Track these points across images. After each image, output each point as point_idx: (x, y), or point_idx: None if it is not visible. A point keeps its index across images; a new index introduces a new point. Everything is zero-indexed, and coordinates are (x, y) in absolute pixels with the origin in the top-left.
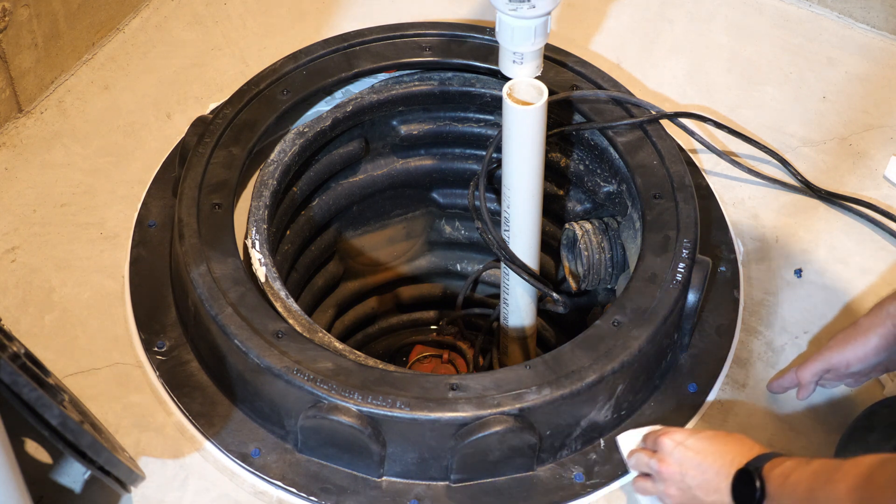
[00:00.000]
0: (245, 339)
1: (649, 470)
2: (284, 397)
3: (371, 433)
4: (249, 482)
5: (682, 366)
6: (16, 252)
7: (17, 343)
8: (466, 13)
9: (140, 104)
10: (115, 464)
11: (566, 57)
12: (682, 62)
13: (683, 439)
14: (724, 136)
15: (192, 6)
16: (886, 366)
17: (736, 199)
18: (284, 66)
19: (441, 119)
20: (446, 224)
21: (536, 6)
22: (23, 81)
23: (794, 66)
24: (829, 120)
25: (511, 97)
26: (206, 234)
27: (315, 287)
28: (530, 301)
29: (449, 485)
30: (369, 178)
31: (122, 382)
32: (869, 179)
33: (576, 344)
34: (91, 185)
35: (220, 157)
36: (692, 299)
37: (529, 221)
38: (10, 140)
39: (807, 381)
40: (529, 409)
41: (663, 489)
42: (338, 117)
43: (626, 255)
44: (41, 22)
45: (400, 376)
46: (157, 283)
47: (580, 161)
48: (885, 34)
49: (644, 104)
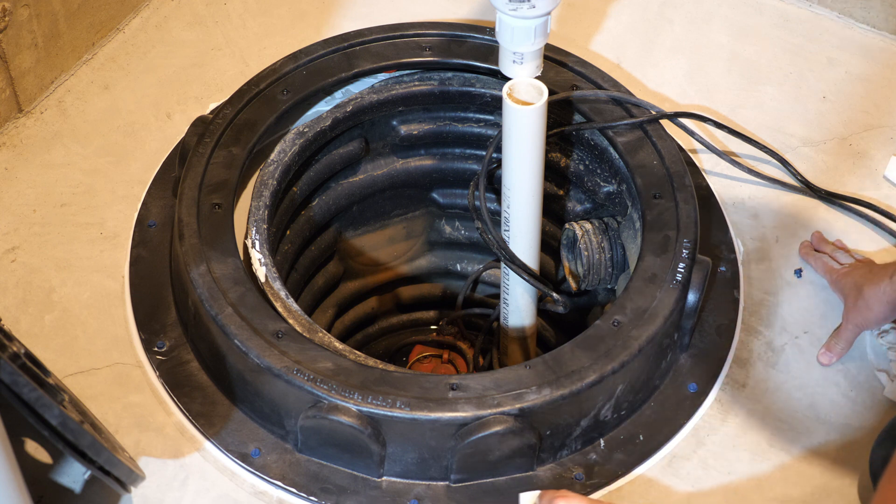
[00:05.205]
0: (245, 339)
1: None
2: (284, 397)
3: (371, 433)
4: (249, 482)
5: (682, 366)
6: (16, 252)
7: (17, 343)
8: (466, 13)
9: (140, 104)
10: (115, 464)
11: (566, 57)
12: (682, 62)
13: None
14: (724, 136)
15: (192, 6)
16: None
17: (736, 199)
18: (284, 66)
19: (441, 119)
20: (446, 224)
21: (536, 6)
22: (23, 81)
23: (794, 66)
24: (829, 120)
25: (511, 97)
26: (206, 234)
27: (315, 287)
28: (530, 301)
29: (449, 485)
30: (369, 178)
31: (122, 382)
32: (869, 179)
33: (576, 344)
34: (91, 185)
35: (220, 157)
36: (692, 299)
37: (529, 221)
38: (10, 140)
39: (844, 351)
40: (529, 409)
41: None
42: (338, 117)
43: (626, 255)
44: (41, 22)
45: (400, 376)
46: (157, 283)
47: (580, 161)
48: (885, 34)
49: (644, 104)
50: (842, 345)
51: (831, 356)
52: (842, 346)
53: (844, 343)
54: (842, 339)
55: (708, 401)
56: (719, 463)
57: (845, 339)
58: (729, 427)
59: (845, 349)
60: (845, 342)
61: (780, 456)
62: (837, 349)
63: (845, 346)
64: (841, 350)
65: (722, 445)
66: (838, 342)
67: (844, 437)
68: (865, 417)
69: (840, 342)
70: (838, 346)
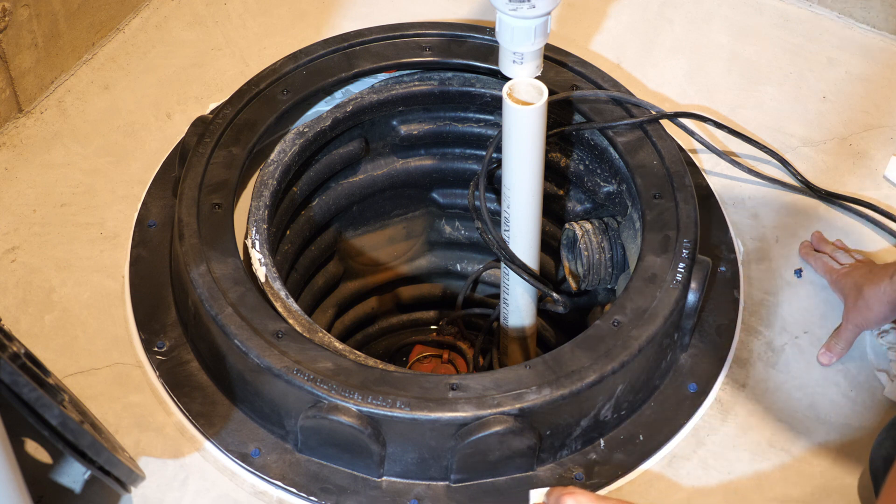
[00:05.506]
0: (245, 339)
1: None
2: (284, 397)
3: (371, 433)
4: (249, 482)
5: (682, 366)
6: (16, 252)
7: (17, 343)
8: (466, 13)
9: (140, 104)
10: (115, 464)
11: (566, 57)
12: (682, 62)
13: (587, 502)
14: (724, 136)
15: (192, 6)
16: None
17: (736, 199)
18: (284, 66)
19: (441, 119)
20: (446, 224)
21: (536, 6)
22: (23, 81)
23: (794, 66)
24: (829, 120)
25: (511, 97)
26: (206, 234)
27: (315, 287)
28: (530, 301)
29: (449, 485)
30: (369, 178)
31: (122, 382)
32: (869, 179)
33: (576, 344)
34: (91, 185)
35: (220, 157)
36: (692, 299)
37: (529, 221)
38: (10, 140)
39: (844, 351)
40: (529, 409)
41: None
42: (338, 117)
43: (626, 255)
44: (41, 22)
45: (400, 376)
46: (157, 283)
47: (580, 161)
48: (885, 34)
49: (644, 104)
50: (842, 345)
51: (831, 356)
52: (842, 346)
53: (844, 343)
54: (842, 339)
55: (708, 401)
56: (719, 463)
57: (845, 339)
58: (729, 427)
59: (845, 349)
60: (845, 342)
61: (780, 456)
62: (837, 349)
63: (845, 346)
64: (841, 350)
65: (722, 445)
66: (838, 342)
67: (844, 437)
68: (865, 417)
69: (840, 342)
70: (838, 346)
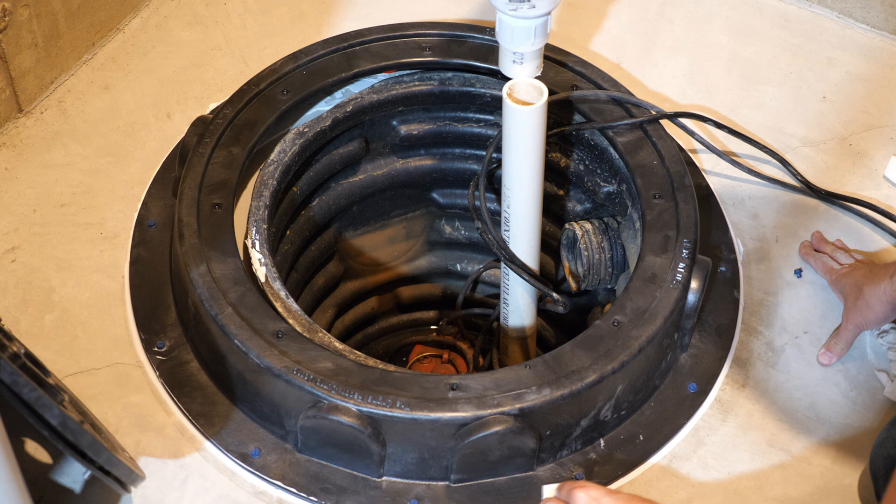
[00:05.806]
0: (245, 339)
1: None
2: (284, 397)
3: (371, 433)
4: (249, 482)
5: (682, 366)
6: (16, 252)
7: (17, 343)
8: (466, 13)
9: (140, 104)
10: (115, 464)
11: (566, 57)
12: (682, 62)
13: (599, 496)
14: (724, 136)
15: (192, 6)
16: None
17: (736, 199)
18: (284, 66)
19: (441, 119)
20: (446, 224)
21: (536, 6)
22: (23, 81)
23: (794, 66)
24: (829, 120)
25: (511, 97)
26: (206, 234)
27: (315, 287)
28: (530, 301)
29: (449, 485)
30: (369, 178)
31: (122, 382)
32: (869, 179)
33: (576, 344)
34: (91, 185)
35: (220, 157)
36: (692, 299)
37: (529, 221)
38: (10, 140)
39: (844, 351)
40: (529, 409)
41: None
42: (338, 117)
43: (626, 255)
44: (41, 22)
45: (400, 376)
46: (157, 283)
47: (580, 161)
48: (885, 34)
49: (644, 104)
50: (842, 345)
51: (831, 356)
52: (842, 346)
53: (844, 343)
54: (842, 339)
55: (708, 401)
56: (719, 463)
57: (845, 340)
58: (729, 427)
59: (845, 349)
60: (845, 342)
61: (780, 456)
62: (837, 349)
63: (845, 346)
64: (841, 350)
65: (722, 445)
66: (838, 342)
67: (844, 437)
68: (865, 417)
69: (840, 342)
70: (838, 346)
